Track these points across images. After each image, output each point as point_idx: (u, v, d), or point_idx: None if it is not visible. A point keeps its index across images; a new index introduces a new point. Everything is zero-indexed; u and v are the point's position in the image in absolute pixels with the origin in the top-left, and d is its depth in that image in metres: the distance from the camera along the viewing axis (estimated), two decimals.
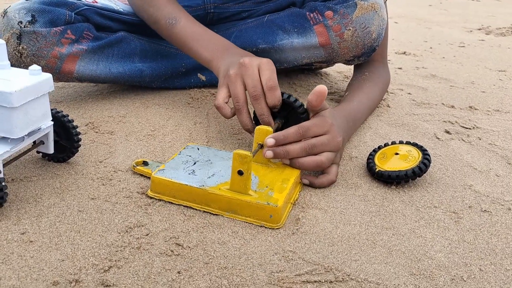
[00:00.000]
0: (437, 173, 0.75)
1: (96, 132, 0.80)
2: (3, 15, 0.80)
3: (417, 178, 0.70)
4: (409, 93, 1.11)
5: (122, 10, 0.92)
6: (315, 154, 0.66)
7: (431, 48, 1.59)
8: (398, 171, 0.68)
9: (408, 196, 0.68)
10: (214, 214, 0.60)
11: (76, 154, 0.70)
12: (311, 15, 0.89)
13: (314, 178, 0.68)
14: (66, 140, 0.68)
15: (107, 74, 0.89)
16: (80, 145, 0.69)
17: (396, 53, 1.48)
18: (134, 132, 0.82)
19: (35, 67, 0.59)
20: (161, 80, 0.97)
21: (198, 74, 1.01)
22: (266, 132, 0.65)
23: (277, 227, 0.58)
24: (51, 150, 0.67)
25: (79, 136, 0.68)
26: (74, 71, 0.86)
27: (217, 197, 0.59)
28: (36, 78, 0.59)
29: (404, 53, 1.48)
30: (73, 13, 0.84)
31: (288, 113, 0.71)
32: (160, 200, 0.62)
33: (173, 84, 1.00)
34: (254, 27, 0.96)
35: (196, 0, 0.96)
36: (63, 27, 0.82)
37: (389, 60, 1.39)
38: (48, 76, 0.60)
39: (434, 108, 1.03)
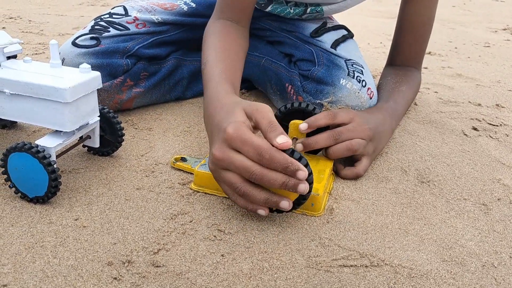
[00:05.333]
0: (465, 167, 0.77)
1: (136, 129, 0.85)
2: None
3: None
4: (435, 92, 1.13)
5: (162, 21, 0.93)
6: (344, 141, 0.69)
7: (456, 48, 1.59)
8: None
9: (438, 189, 0.70)
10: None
11: (119, 149, 0.74)
12: (289, 88, 0.90)
13: (341, 168, 0.71)
14: (110, 135, 0.72)
15: (157, 101, 0.96)
16: (123, 140, 0.73)
17: None
18: (171, 129, 0.85)
19: (85, 65, 0.64)
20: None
21: None
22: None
23: (318, 215, 0.61)
24: (97, 144, 0.71)
25: (123, 131, 0.72)
26: (131, 107, 0.91)
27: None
28: (86, 75, 0.63)
29: (429, 53, 1.49)
30: (128, 60, 0.86)
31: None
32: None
33: None
34: (255, 65, 1.00)
35: None
36: (122, 77, 0.86)
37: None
38: (97, 74, 0.65)
39: (461, 106, 1.04)
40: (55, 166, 0.59)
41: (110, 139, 0.73)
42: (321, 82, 0.84)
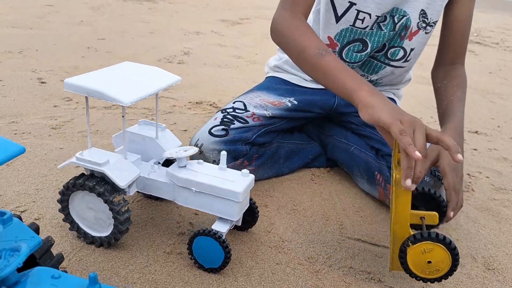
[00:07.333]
0: None
1: None
2: (199, 152, 1.07)
3: None
4: (487, 177, 1.34)
5: (272, 115, 1.17)
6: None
7: (498, 127, 1.80)
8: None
9: (502, 276, 0.91)
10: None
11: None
12: (378, 176, 1.12)
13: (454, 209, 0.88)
14: (249, 215, 0.95)
15: (261, 178, 1.19)
16: (257, 219, 0.95)
17: (469, 131, 1.71)
18: (282, 206, 1.08)
19: (245, 171, 0.87)
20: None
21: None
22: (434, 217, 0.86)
23: None
24: (240, 223, 0.94)
25: (258, 214, 0.95)
26: None
27: None
28: (247, 178, 0.86)
29: (476, 132, 1.71)
30: (248, 147, 1.11)
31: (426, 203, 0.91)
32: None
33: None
34: (343, 150, 1.23)
35: (327, 104, 1.23)
36: (241, 159, 1.10)
37: (464, 140, 1.62)
38: (252, 177, 0.88)
39: (510, 194, 1.25)
40: (229, 246, 0.82)
41: (248, 218, 0.95)
42: None
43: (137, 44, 2.61)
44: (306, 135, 1.32)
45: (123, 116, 0.83)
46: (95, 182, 0.81)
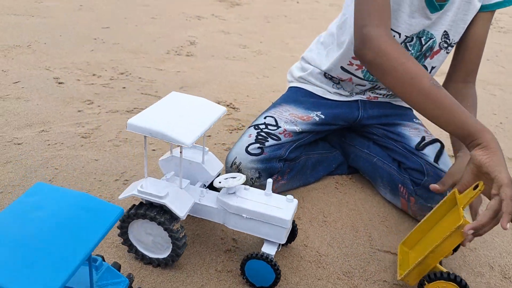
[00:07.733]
0: None
1: None
2: (238, 170, 1.13)
3: None
4: None
5: (301, 130, 1.23)
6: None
7: (501, 123, 1.90)
8: None
9: None
10: None
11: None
12: (402, 188, 1.19)
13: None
14: (290, 233, 1.03)
15: (289, 189, 1.25)
16: (296, 236, 1.04)
17: None
18: (314, 218, 1.16)
19: (290, 197, 0.94)
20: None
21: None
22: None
23: None
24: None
25: (298, 231, 1.03)
26: None
27: None
28: (292, 204, 0.94)
29: None
30: (282, 163, 1.17)
31: None
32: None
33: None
34: (366, 160, 1.30)
35: (351, 116, 1.30)
36: (276, 175, 1.17)
37: None
38: (297, 201, 0.95)
39: None
40: (279, 268, 0.90)
41: (289, 235, 1.03)
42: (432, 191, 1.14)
43: (142, 33, 2.62)
44: (328, 144, 1.39)
45: (180, 152, 0.89)
46: (155, 212, 0.88)
